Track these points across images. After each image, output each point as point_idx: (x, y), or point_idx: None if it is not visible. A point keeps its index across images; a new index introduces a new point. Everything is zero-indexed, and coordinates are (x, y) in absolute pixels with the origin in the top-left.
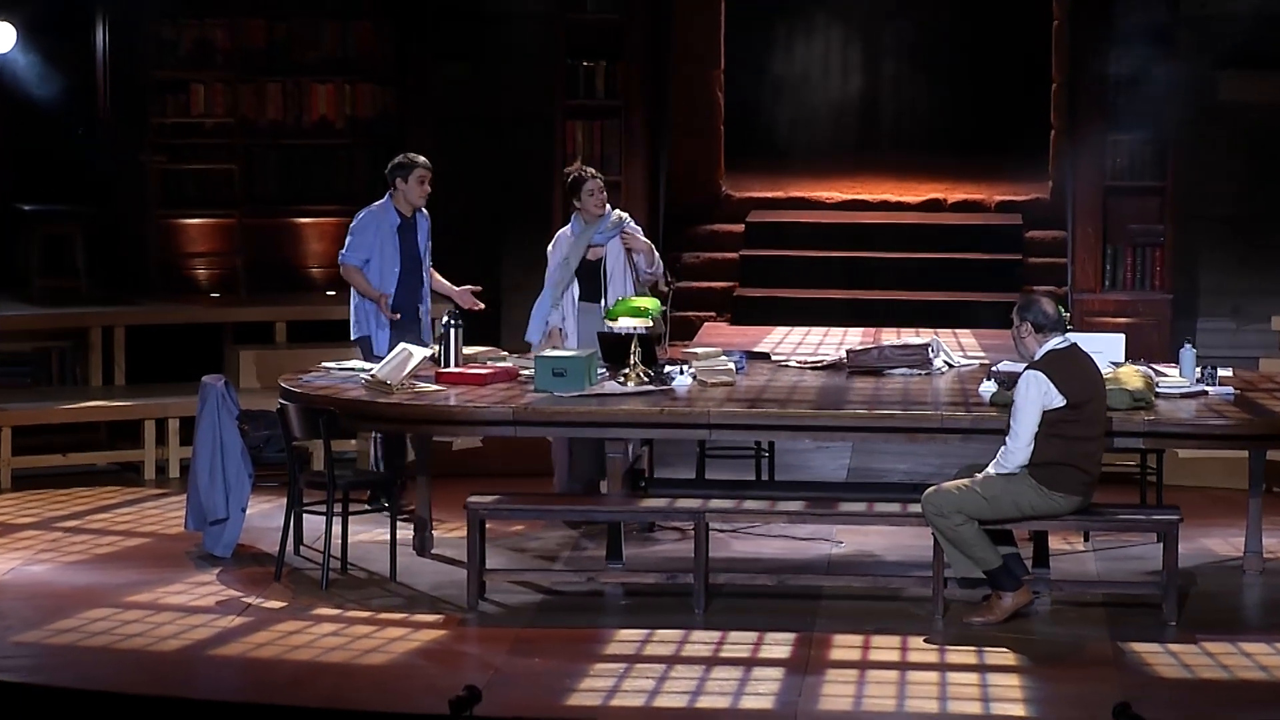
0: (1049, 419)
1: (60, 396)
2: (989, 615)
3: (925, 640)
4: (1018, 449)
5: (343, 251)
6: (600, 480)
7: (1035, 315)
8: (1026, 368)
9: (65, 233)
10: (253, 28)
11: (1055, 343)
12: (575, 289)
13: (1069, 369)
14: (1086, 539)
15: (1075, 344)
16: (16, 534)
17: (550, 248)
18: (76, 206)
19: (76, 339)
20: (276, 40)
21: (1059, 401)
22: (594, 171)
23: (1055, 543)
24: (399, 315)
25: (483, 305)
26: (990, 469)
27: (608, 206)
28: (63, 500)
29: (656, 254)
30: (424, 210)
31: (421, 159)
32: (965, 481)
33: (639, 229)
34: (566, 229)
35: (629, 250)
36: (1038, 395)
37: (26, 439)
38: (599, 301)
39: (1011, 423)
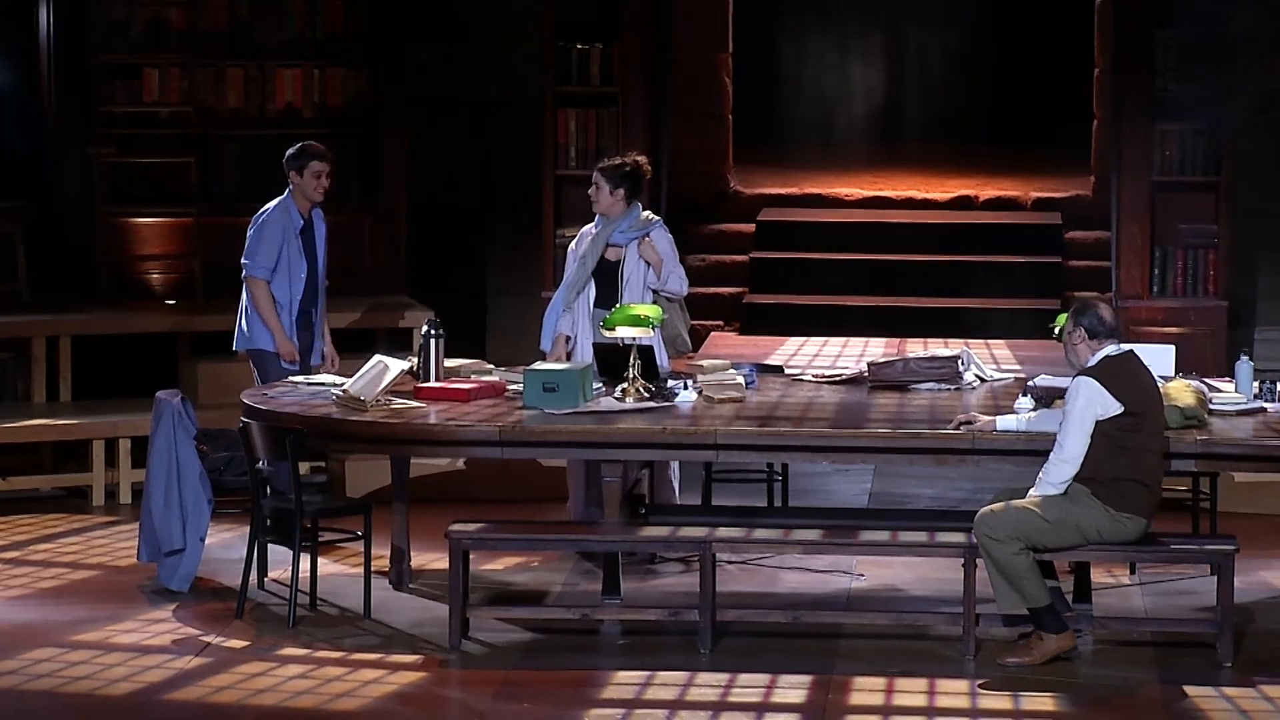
0: (1108, 430)
1: None
2: (1027, 657)
3: (955, 683)
4: (1063, 463)
5: (246, 261)
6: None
7: (1090, 321)
8: (1077, 375)
9: (3, 232)
10: (212, 7)
11: (1110, 350)
12: (591, 293)
13: (1125, 375)
14: (1133, 571)
15: (1132, 351)
16: None
17: (571, 245)
18: (16, 203)
19: (16, 350)
20: (238, 20)
21: (1115, 408)
22: (604, 164)
23: (1098, 575)
24: (296, 362)
25: (335, 365)
26: (1033, 490)
27: (637, 204)
28: (2, 529)
29: (679, 272)
30: (319, 208)
31: (319, 148)
32: (1022, 502)
33: (667, 236)
34: (590, 226)
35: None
36: (1087, 403)
37: None
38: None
39: (1059, 434)
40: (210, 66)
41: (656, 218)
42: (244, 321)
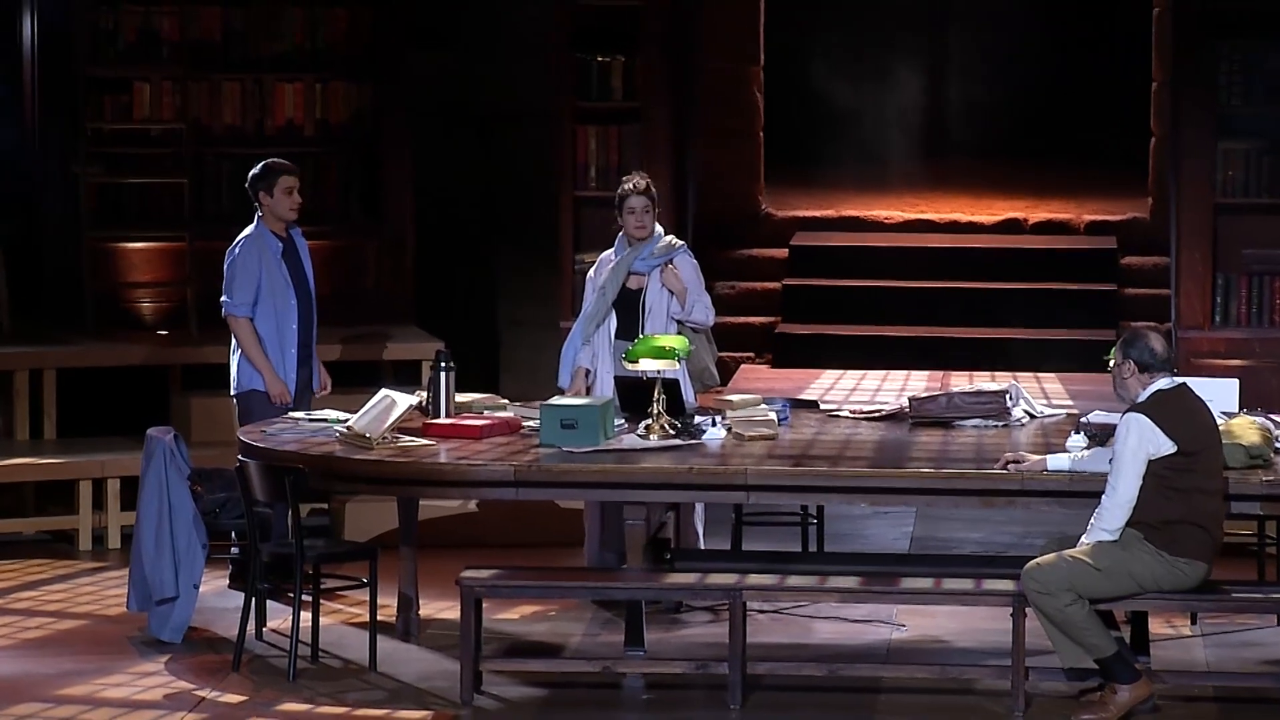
0: (1159, 470)
1: None
2: (1102, 713)
3: None
4: (1115, 506)
5: (225, 299)
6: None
7: (1140, 353)
8: (1126, 411)
9: None
10: (206, 16)
11: (1162, 384)
12: (612, 323)
13: (1178, 412)
14: (1193, 621)
15: (1185, 385)
16: None
17: (590, 273)
18: None
19: None
20: (234, 31)
21: (1168, 448)
22: (643, 185)
23: (1157, 626)
24: (290, 401)
25: (327, 389)
26: (1085, 537)
27: (658, 229)
28: None
29: (705, 301)
30: (297, 226)
31: (283, 163)
32: (1072, 552)
33: (692, 262)
34: (609, 252)
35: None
36: (1139, 442)
37: None
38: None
39: (1109, 476)
40: (204, 80)
41: (681, 243)
42: (235, 363)
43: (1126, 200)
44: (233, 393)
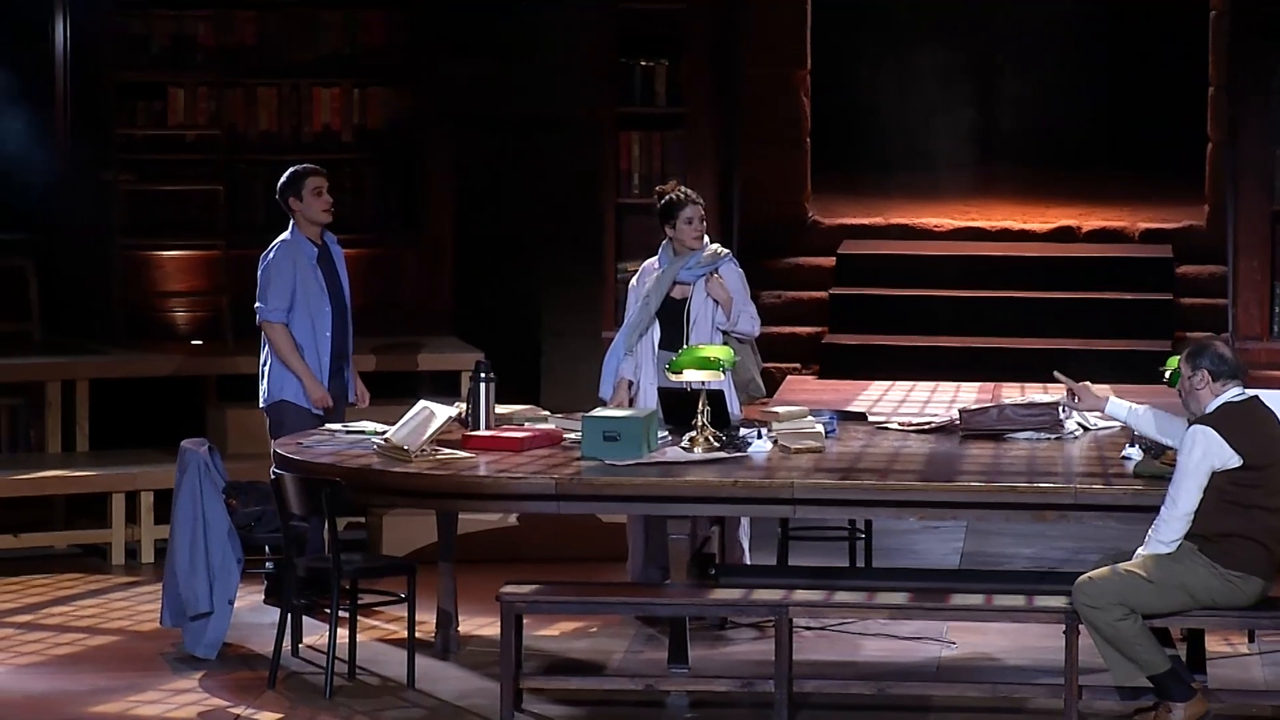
0: (1221, 484)
1: (10, 465)
2: None
3: None
4: (1174, 519)
5: (259, 305)
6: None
7: (1210, 361)
8: (1192, 423)
9: (14, 267)
10: (241, 20)
11: (1232, 394)
12: (655, 334)
13: (1246, 425)
14: (1251, 639)
15: (1257, 397)
16: None
17: (633, 282)
18: (27, 235)
19: (29, 396)
20: (269, 35)
21: (1234, 461)
22: (694, 194)
23: (1213, 643)
24: (332, 404)
25: (365, 401)
26: (1142, 549)
27: (705, 239)
28: (13, 590)
29: (750, 310)
30: (332, 233)
31: (310, 165)
32: (1125, 565)
33: (738, 271)
34: (653, 260)
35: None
36: (1204, 456)
37: None
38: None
39: (1170, 487)
40: (240, 85)
41: (726, 251)
42: (265, 374)
43: (1182, 207)
44: (262, 404)
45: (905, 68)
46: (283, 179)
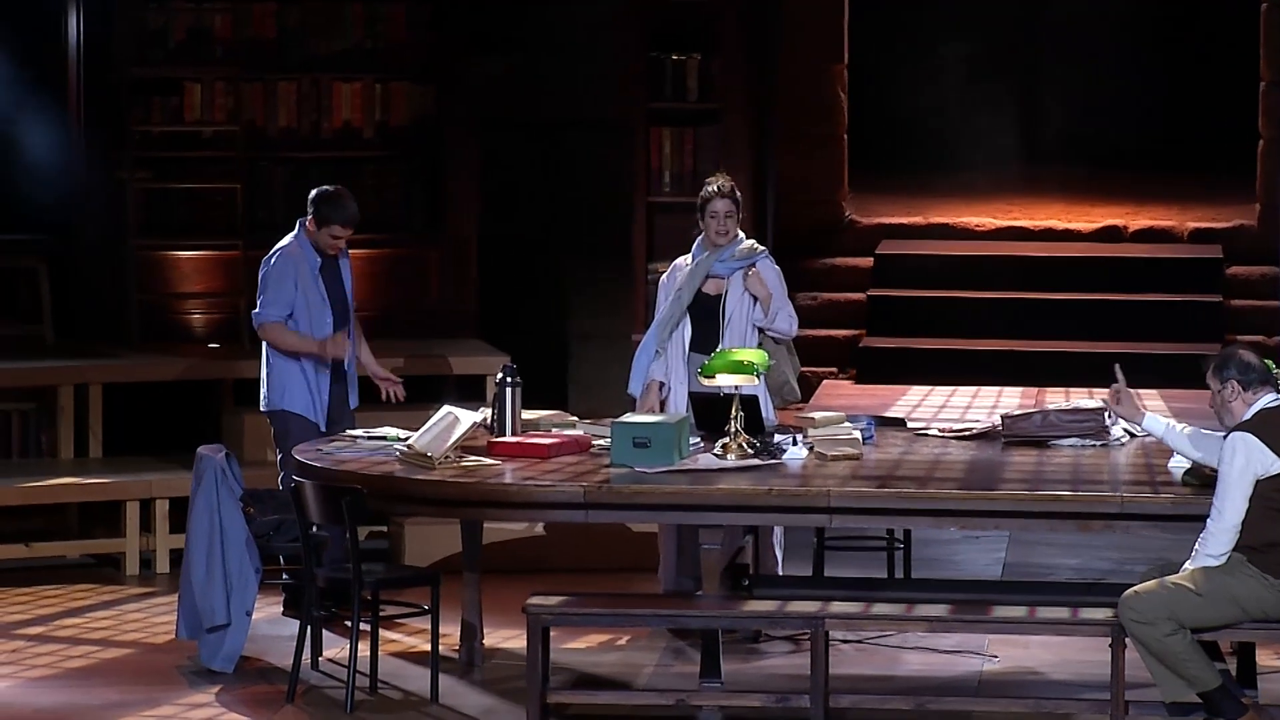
0: (1267, 491)
1: (21, 472)
2: None
3: None
4: (1222, 530)
5: (256, 310)
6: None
7: (1237, 371)
8: (1230, 430)
9: (25, 268)
10: (260, 13)
11: (1267, 400)
12: (686, 333)
13: None
14: None
15: None
16: None
17: (663, 278)
18: (39, 236)
19: (41, 401)
20: (289, 29)
21: (1276, 467)
22: (728, 187)
23: (1265, 657)
24: (348, 349)
25: (401, 396)
26: (1189, 563)
27: (740, 234)
28: (24, 601)
29: (789, 309)
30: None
31: (353, 209)
32: (1173, 579)
33: (775, 269)
34: (685, 257)
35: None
36: (1246, 463)
37: None
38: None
39: (1214, 499)
40: (258, 80)
41: (762, 247)
42: (265, 379)
43: (1233, 206)
44: (263, 409)
45: (946, 61)
46: (327, 193)
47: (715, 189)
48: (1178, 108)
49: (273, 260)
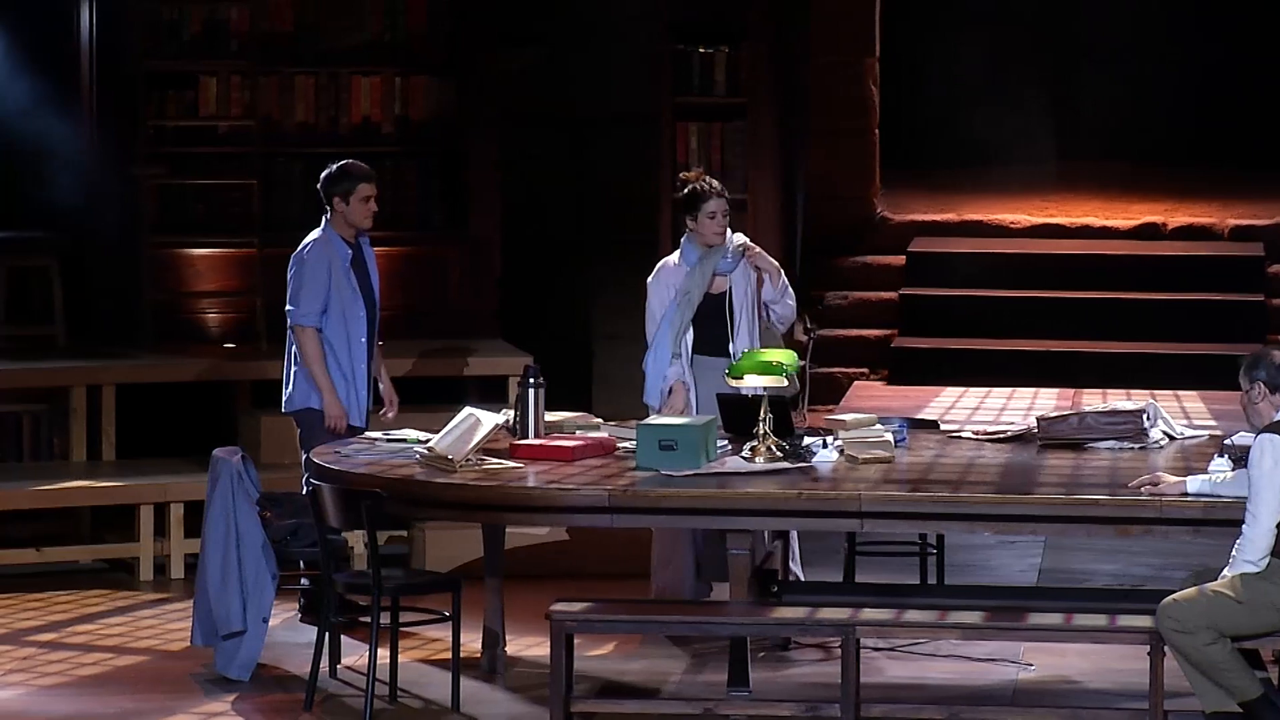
0: None
1: (32, 475)
2: None
3: None
4: (1258, 536)
5: (291, 308)
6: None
7: (1268, 373)
8: (1260, 433)
9: (37, 266)
10: (277, 6)
11: None
12: (688, 336)
13: None
14: None
15: None
16: None
17: (652, 281)
18: (50, 233)
19: (53, 402)
20: (306, 21)
21: None
22: (718, 186)
23: None
24: (345, 428)
25: (390, 415)
26: (1227, 570)
27: (729, 233)
28: (35, 607)
29: (789, 288)
30: (366, 234)
31: (361, 166)
32: (1212, 586)
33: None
34: (671, 257)
35: (758, 272)
36: (1275, 464)
37: None
38: (726, 352)
39: (1248, 504)
40: (275, 74)
41: (745, 237)
42: (291, 378)
43: (1275, 203)
44: (285, 409)
45: (980, 54)
46: (331, 172)
47: (710, 187)
48: (1217, 100)
49: (305, 255)
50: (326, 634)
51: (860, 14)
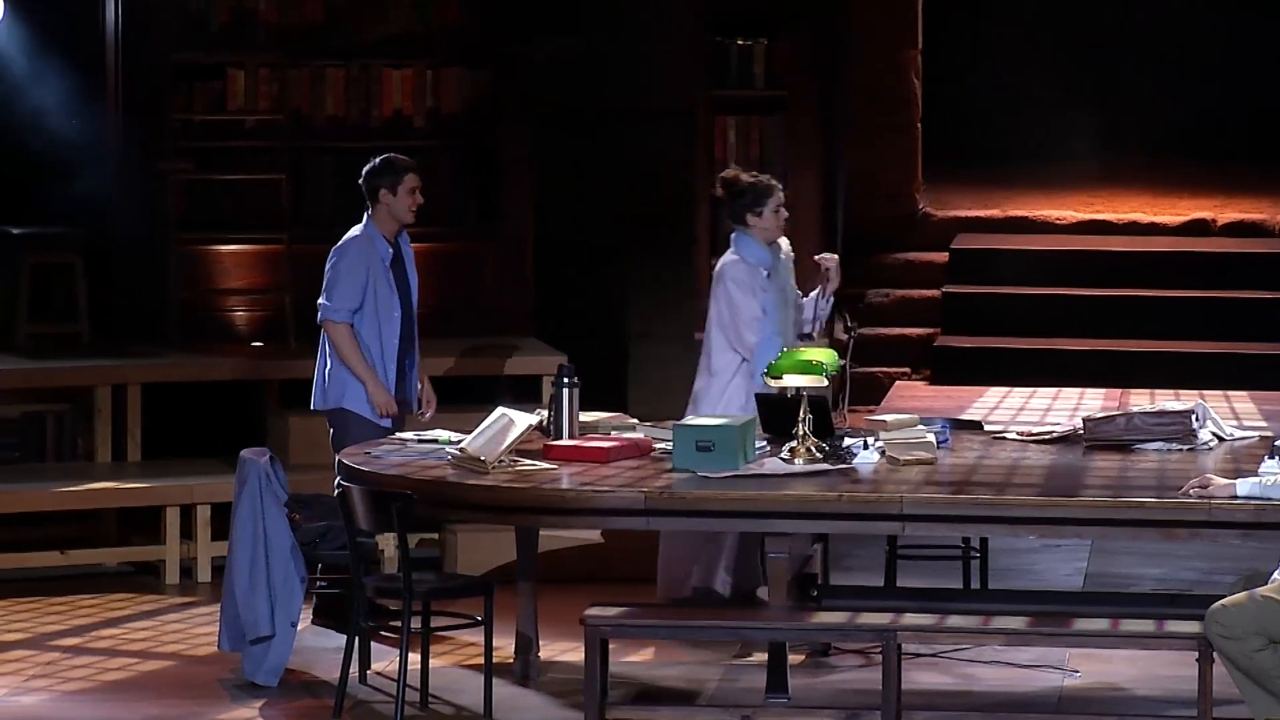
0: None
1: (56, 476)
2: None
3: None
4: None
5: (324, 302)
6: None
7: None
8: None
9: (62, 264)
10: None
11: None
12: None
13: None
14: None
15: None
16: (2, 654)
17: (743, 276)
18: (77, 230)
19: (77, 402)
20: (336, 12)
21: None
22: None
23: None
24: (396, 413)
25: (428, 416)
26: (1277, 574)
27: None
28: (59, 611)
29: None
30: (404, 232)
31: (406, 159)
32: (1263, 591)
33: None
34: (734, 258)
35: (825, 272)
36: None
37: (14, 531)
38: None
39: None
40: (304, 66)
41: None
42: (324, 375)
43: None
44: (316, 407)
45: (1025, 47)
46: (375, 165)
47: (774, 181)
48: (1267, 93)
49: (347, 248)
50: (356, 639)
51: (902, 5)
